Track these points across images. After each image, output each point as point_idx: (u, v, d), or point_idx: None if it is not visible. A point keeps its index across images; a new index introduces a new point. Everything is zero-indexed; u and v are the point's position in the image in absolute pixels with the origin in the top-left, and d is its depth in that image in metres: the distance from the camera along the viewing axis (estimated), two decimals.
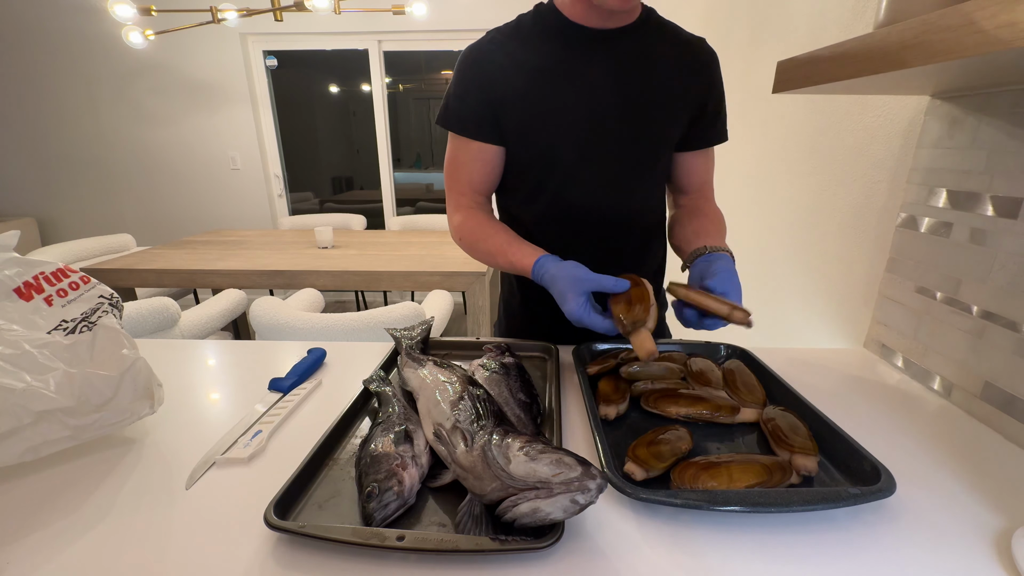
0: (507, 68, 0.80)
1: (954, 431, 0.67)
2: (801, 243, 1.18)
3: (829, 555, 0.45)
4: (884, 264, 0.88)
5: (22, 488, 0.55)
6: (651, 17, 0.84)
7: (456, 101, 0.83)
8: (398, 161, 3.75)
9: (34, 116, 3.43)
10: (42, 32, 3.26)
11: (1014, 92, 0.64)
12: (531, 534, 0.45)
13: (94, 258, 2.71)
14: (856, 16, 0.98)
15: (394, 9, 2.68)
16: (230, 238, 2.79)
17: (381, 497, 0.48)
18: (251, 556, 0.45)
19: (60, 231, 3.68)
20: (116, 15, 2.46)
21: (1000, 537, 0.48)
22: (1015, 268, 0.64)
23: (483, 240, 0.85)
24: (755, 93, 1.42)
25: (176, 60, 3.31)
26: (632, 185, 0.86)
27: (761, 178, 1.40)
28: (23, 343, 0.58)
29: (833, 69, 0.58)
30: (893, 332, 0.85)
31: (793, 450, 0.56)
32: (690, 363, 0.80)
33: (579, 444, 0.63)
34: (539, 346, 0.87)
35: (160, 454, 0.61)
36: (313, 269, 2.10)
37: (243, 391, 0.77)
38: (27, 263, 0.67)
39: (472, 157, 0.86)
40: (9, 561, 0.45)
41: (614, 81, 0.80)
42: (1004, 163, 0.66)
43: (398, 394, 0.67)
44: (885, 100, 0.90)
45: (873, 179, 0.93)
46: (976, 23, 0.37)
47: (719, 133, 0.90)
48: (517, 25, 0.84)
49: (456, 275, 2.07)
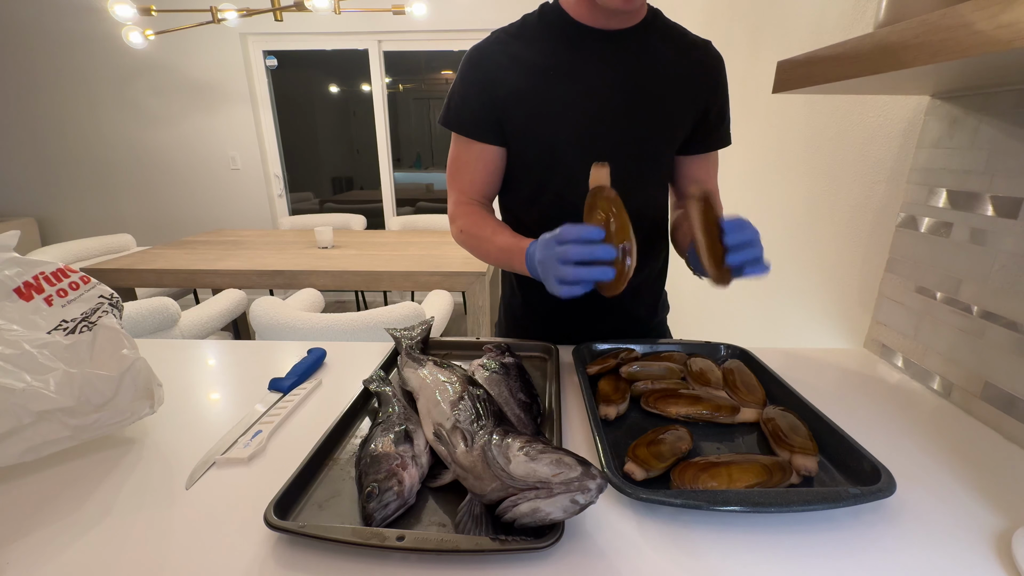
0: (510, 68, 0.80)
1: (954, 431, 0.67)
2: (801, 243, 1.18)
3: (829, 555, 0.45)
4: (884, 264, 0.88)
5: (22, 488, 0.55)
6: (657, 18, 0.83)
7: (458, 101, 0.84)
8: (398, 161, 3.75)
9: (34, 116, 3.43)
10: (42, 32, 3.25)
11: (1014, 92, 0.65)
12: (531, 534, 0.45)
13: (94, 258, 2.71)
14: (856, 16, 0.98)
15: (394, 9, 2.68)
16: (230, 238, 2.79)
17: (381, 497, 0.48)
18: (251, 556, 0.45)
19: (60, 231, 3.68)
20: (116, 15, 2.46)
21: (1000, 537, 0.48)
22: (1015, 268, 0.64)
23: (482, 237, 0.85)
24: (755, 93, 1.43)
25: (176, 60, 3.31)
26: (635, 186, 0.86)
27: (761, 178, 1.40)
28: (23, 343, 0.58)
29: (833, 69, 0.58)
30: (893, 332, 0.85)
31: (793, 450, 0.56)
32: (690, 363, 0.80)
33: (579, 444, 0.63)
34: (539, 346, 0.87)
35: (160, 454, 0.61)
36: (313, 269, 2.10)
37: (243, 391, 0.77)
38: (27, 263, 0.67)
39: (474, 158, 0.86)
40: (9, 561, 0.45)
41: (618, 81, 0.80)
42: (1004, 163, 0.66)
43: (398, 394, 0.67)
44: (885, 100, 0.90)
45: (873, 179, 0.93)
46: (976, 23, 0.37)
47: (722, 137, 0.90)
48: (522, 25, 0.84)
49: (456, 275, 2.07)
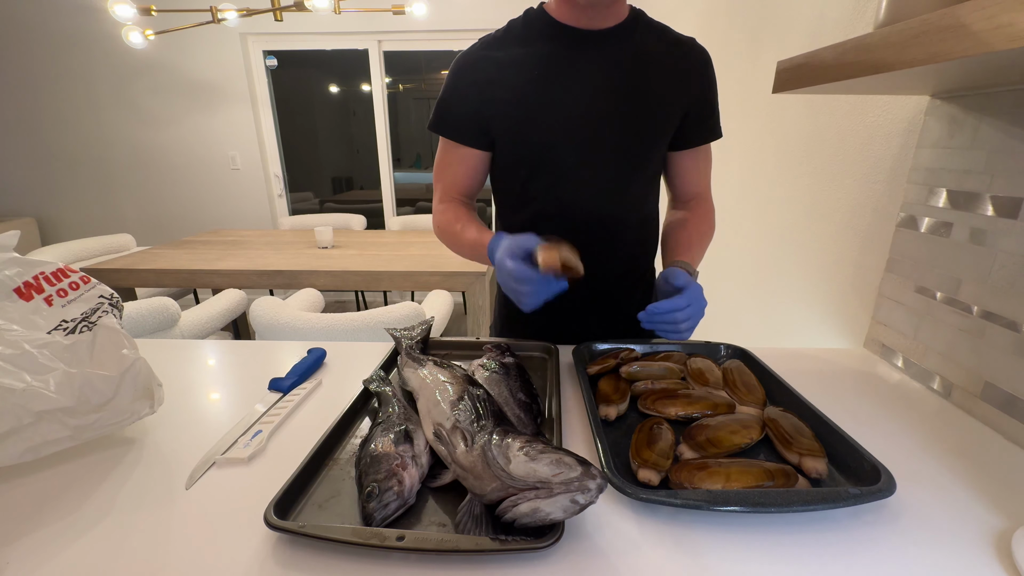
0: (497, 73, 0.81)
1: (954, 431, 0.67)
2: (801, 243, 1.18)
3: (829, 555, 0.45)
4: (884, 264, 0.88)
5: (22, 488, 0.55)
6: (640, 18, 0.84)
7: (444, 107, 0.87)
8: (398, 161, 3.75)
9: (34, 116, 3.43)
10: (42, 32, 3.25)
11: (1014, 92, 0.64)
12: (531, 534, 0.45)
13: (94, 258, 2.70)
14: (856, 16, 0.98)
15: (394, 9, 2.68)
16: (230, 238, 2.79)
17: (381, 497, 0.48)
18: (251, 556, 0.45)
19: (60, 231, 3.67)
20: (116, 15, 2.46)
21: (1000, 537, 0.48)
22: (1015, 268, 0.64)
23: (453, 232, 0.88)
24: (755, 93, 1.42)
25: (176, 60, 3.31)
26: (625, 185, 0.87)
27: (761, 178, 1.40)
28: (23, 343, 0.58)
29: (833, 69, 0.58)
30: (893, 332, 0.85)
31: (802, 453, 0.56)
32: (690, 363, 0.80)
33: (579, 444, 0.63)
34: (539, 346, 0.87)
35: (160, 454, 0.61)
36: (313, 269, 2.10)
37: (243, 391, 0.77)
38: (27, 263, 0.67)
39: (457, 161, 0.90)
40: (9, 561, 0.45)
41: (604, 81, 0.80)
42: (1004, 163, 0.66)
43: (398, 394, 0.67)
44: (885, 100, 0.90)
45: (873, 179, 0.93)
46: (976, 23, 0.37)
47: (713, 130, 0.90)
48: (507, 30, 0.85)
49: (456, 275, 2.07)
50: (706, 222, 0.93)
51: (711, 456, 0.57)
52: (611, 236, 0.89)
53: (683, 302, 0.71)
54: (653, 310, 0.71)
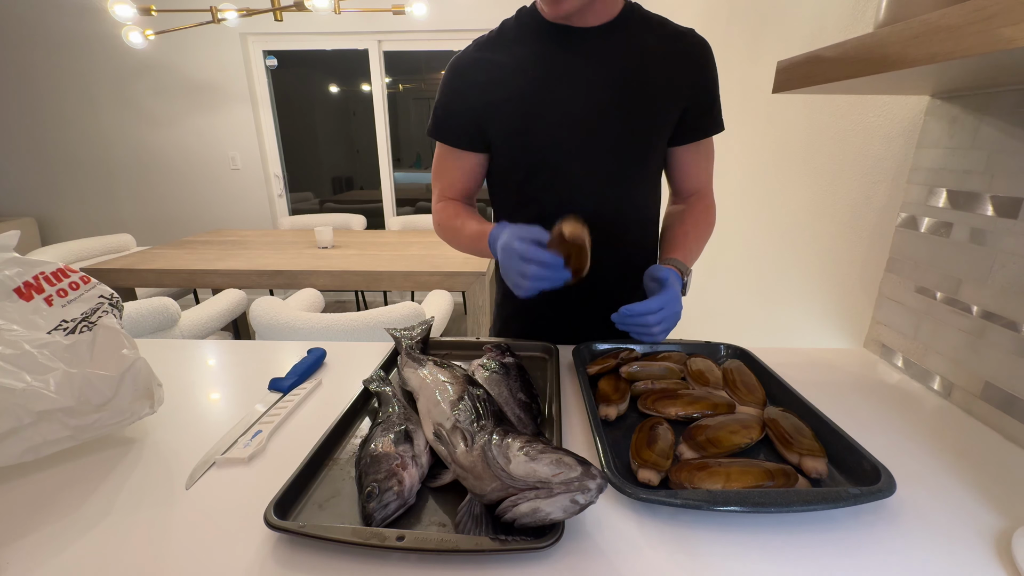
0: (491, 75, 0.81)
1: (954, 431, 0.67)
2: (801, 243, 1.18)
3: (829, 555, 0.45)
4: (884, 264, 0.88)
5: (22, 488, 0.55)
6: (634, 11, 0.83)
7: (440, 111, 0.87)
8: (398, 161, 3.75)
9: (34, 116, 3.42)
10: (42, 32, 3.25)
11: (1014, 92, 0.64)
12: (531, 534, 0.45)
13: (94, 258, 2.70)
14: (856, 16, 0.98)
15: (394, 9, 2.68)
16: (230, 238, 2.79)
17: (381, 497, 0.48)
18: (251, 556, 0.45)
19: (60, 231, 3.67)
20: (116, 15, 2.46)
21: (1000, 537, 0.48)
22: (1015, 268, 0.64)
23: (454, 227, 0.89)
24: (755, 93, 1.42)
25: (176, 60, 3.31)
26: (623, 181, 0.86)
27: (761, 178, 1.40)
28: (23, 343, 0.58)
29: (833, 69, 0.58)
30: (893, 332, 0.85)
31: (802, 453, 0.56)
32: (690, 363, 0.80)
33: (579, 444, 0.63)
34: (539, 346, 0.87)
35: (160, 454, 0.61)
36: (313, 269, 2.10)
37: (243, 391, 0.77)
38: (27, 263, 0.67)
39: (454, 164, 0.90)
40: (9, 561, 0.45)
41: (599, 78, 0.80)
42: (1004, 163, 0.66)
43: (398, 394, 0.67)
44: (885, 100, 0.90)
45: (873, 179, 0.93)
46: (976, 23, 0.37)
47: (714, 123, 0.89)
48: (500, 31, 0.85)
49: (456, 275, 2.07)
50: (705, 218, 0.92)
51: (711, 456, 0.58)
52: (611, 236, 0.89)
53: (656, 305, 0.70)
54: (625, 312, 0.71)
